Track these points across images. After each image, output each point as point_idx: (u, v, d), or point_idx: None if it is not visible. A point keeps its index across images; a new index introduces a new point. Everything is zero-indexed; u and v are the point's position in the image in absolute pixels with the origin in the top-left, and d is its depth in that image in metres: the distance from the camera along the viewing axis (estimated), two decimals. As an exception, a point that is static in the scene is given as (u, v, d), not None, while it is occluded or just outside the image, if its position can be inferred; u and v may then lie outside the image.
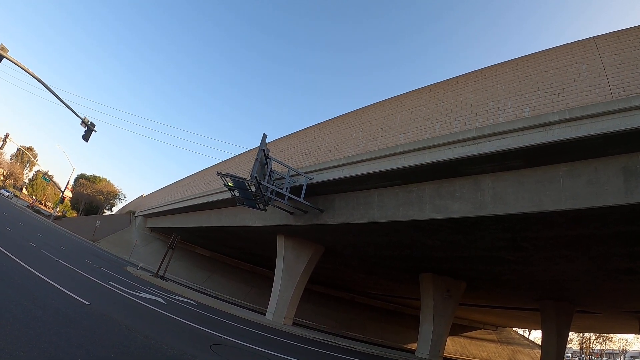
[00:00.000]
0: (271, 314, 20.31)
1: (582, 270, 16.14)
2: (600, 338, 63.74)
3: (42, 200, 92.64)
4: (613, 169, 9.14)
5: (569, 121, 9.19)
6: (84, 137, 21.04)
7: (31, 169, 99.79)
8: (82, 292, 9.96)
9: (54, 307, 7.44)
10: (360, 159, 14.27)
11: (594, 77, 9.65)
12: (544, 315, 25.61)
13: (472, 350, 41.74)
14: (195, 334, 9.78)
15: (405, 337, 37.15)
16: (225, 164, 27.19)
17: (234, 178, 15.50)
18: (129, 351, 6.17)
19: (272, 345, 11.94)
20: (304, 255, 21.15)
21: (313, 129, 19.06)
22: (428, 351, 21.43)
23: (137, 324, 8.60)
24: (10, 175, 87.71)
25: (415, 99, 14.22)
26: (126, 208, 70.57)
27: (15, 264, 10.61)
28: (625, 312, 25.52)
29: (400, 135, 13.71)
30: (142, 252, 39.35)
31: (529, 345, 50.22)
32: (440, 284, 22.50)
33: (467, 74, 13.04)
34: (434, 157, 11.76)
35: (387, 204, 14.18)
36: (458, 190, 12.09)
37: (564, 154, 9.66)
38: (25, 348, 4.74)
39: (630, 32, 9.63)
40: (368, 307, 41.00)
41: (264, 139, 15.45)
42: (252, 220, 21.13)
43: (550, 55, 10.95)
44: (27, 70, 17.37)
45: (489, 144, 10.54)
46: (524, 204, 10.49)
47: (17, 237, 17.62)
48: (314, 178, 15.86)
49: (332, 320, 34.67)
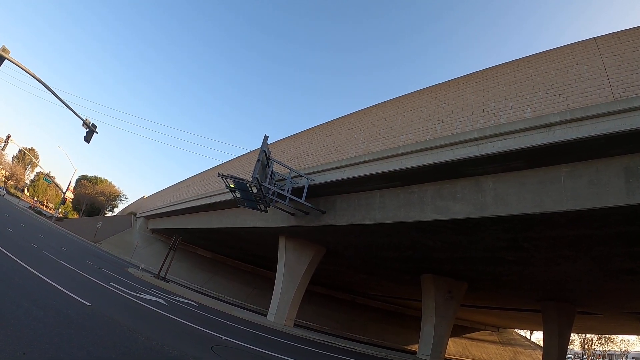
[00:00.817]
0: (272, 315, 20.30)
1: (584, 270, 16.11)
2: (602, 339, 63.62)
3: (43, 201, 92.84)
4: (614, 170, 9.13)
5: (570, 122, 9.18)
6: (85, 139, 21.08)
7: (33, 170, 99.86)
8: (84, 293, 9.96)
9: (55, 308, 7.45)
10: (361, 160, 14.28)
11: (595, 78, 9.64)
12: (545, 316, 25.57)
13: (474, 352, 41.67)
14: (196, 335, 9.78)
15: (406, 338, 37.10)
16: (227, 165, 27.23)
17: (236, 179, 15.52)
18: (130, 352, 6.17)
19: (273, 347, 11.93)
20: (305, 256, 21.15)
21: (314, 130, 19.07)
22: (429, 352, 21.39)
23: (139, 325, 8.60)
24: (12, 177, 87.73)
25: (416, 100, 14.22)
26: (127, 209, 70.65)
27: (16, 265, 10.62)
28: (627, 313, 25.45)
29: (402, 136, 13.71)
30: (143, 253, 39.38)
31: (531, 347, 50.10)
32: (442, 285, 22.47)
33: (468, 75, 13.05)
34: (435, 158, 11.76)
35: (389, 205, 14.18)
36: (459, 191, 12.09)
37: (566, 154, 9.65)
38: (27, 349, 4.74)
39: (632, 33, 9.62)
40: (369, 308, 40.97)
41: (265, 140, 15.47)
42: (254, 221, 21.13)
43: (552, 56, 10.94)
44: (29, 72, 17.41)
45: (491, 145, 10.54)
46: (526, 204, 10.48)
47: (18, 238, 17.64)
48: (315, 179, 15.87)
49: (333, 321, 34.64)
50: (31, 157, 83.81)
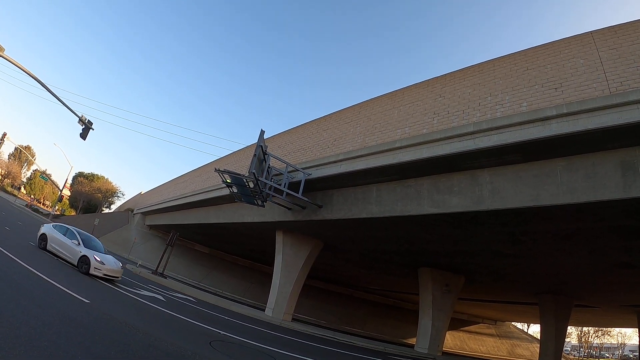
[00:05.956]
0: (270, 309, 20.36)
1: (581, 264, 16.22)
2: (598, 332, 63.99)
3: (40, 199, 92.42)
4: (611, 164, 9.16)
5: (566, 116, 9.20)
6: (81, 136, 20.94)
7: (29, 168, 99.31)
8: (82, 291, 9.96)
9: (53, 305, 7.45)
10: (358, 154, 14.28)
11: (591, 72, 9.65)
12: (542, 309, 25.75)
13: (471, 345, 41.95)
14: (195, 330, 9.81)
15: (404, 332, 37.30)
16: (224, 160, 27.16)
17: (232, 174, 15.49)
18: (129, 349, 6.19)
19: (272, 341, 11.98)
20: (302, 250, 21.19)
21: (311, 124, 19.03)
22: (427, 346, 21.54)
23: (137, 322, 8.62)
24: (8, 175, 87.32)
25: (412, 94, 14.21)
26: (125, 206, 70.53)
27: (14, 264, 10.60)
28: (624, 306, 25.68)
29: (398, 130, 13.71)
30: (141, 249, 39.34)
31: (528, 339, 50.51)
32: (439, 278, 22.59)
33: (464, 68, 13.03)
34: (432, 152, 11.78)
35: (385, 199, 14.20)
36: (456, 185, 12.12)
37: (562, 148, 9.67)
38: (25, 347, 4.74)
39: (628, 27, 9.62)
40: (367, 302, 41.17)
41: (261, 135, 15.44)
42: (251, 216, 21.14)
43: (548, 50, 10.94)
44: (24, 69, 17.29)
45: (487, 138, 10.55)
46: (522, 198, 10.52)
47: (16, 236, 17.60)
48: (312, 174, 15.87)
49: (331, 315, 34.77)
50: (27, 155, 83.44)
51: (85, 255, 13.59)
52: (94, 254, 13.76)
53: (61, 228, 15.45)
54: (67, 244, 14.44)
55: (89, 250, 13.90)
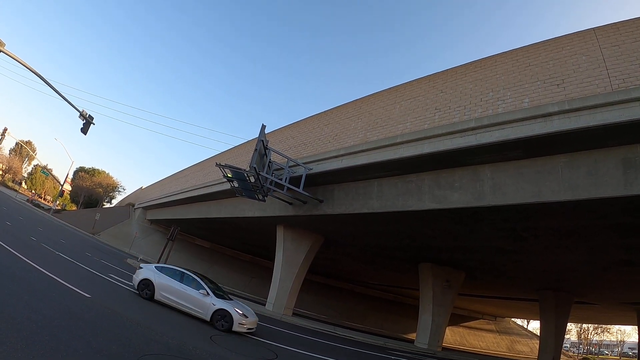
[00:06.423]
0: (271, 304, 20.45)
1: (581, 260, 16.23)
2: (598, 329, 64.07)
3: (41, 194, 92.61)
4: (613, 161, 9.13)
5: (568, 112, 9.16)
6: (82, 130, 20.90)
7: (30, 163, 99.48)
8: (83, 285, 10.00)
9: (55, 300, 7.49)
10: (359, 149, 14.25)
11: (593, 68, 9.59)
12: (542, 305, 25.78)
13: (471, 340, 42.09)
14: (195, 325, 9.85)
15: (405, 327, 37.44)
16: (225, 154, 27.14)
17: (233, 169, 15.49)
18: (130, 343, 6.22)
19: (272, 335, 12.03)
20: (303, 245, 21.23)
21: (312, 119, 19.00)
22: (427, 341, 21.63)
23: (139, 316, 8.66)
24: (9, 170, 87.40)
25: (414, 89, 14.16)
26: (125, 200, 70.60)
27: (16, 258, 10.65)
28: (624, 303, 25.71)
29: (400, 125, 13.68)
30: (142, 244, 39.45)
31: (528, 336, 50.69)
32: (440, 274, 22.63)
33: (466, 64, 12.98)
34: (433, 147, 11.75)
35: (386, 194, 14.20)
36: (457, 180, 12.10)
37: (564, 145, 9.64)
38: (27, 341, 4.77)
39: (630, 24, 9.56)
40: (368, 297, 41.30)
41: (262, 129, 15.42)
42: (252, 211, 21.16)
43: (550, 46, 10.88)
44: (24, 64, 17.25)
45: (488, 134, 10.52)
46: (523, 194, 10.50)
47: (17, 231, 17.66)
48: (313, 168, 15.86)
49: (332, 310, 34.90)
50: (28, 150, 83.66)
51: (224, 309, 10.62)
52: (234, 306, 10.89)
53: (173, 272, 12.02)
54: (189, 294, 11.16)
55: (225, 303, 10.90)
